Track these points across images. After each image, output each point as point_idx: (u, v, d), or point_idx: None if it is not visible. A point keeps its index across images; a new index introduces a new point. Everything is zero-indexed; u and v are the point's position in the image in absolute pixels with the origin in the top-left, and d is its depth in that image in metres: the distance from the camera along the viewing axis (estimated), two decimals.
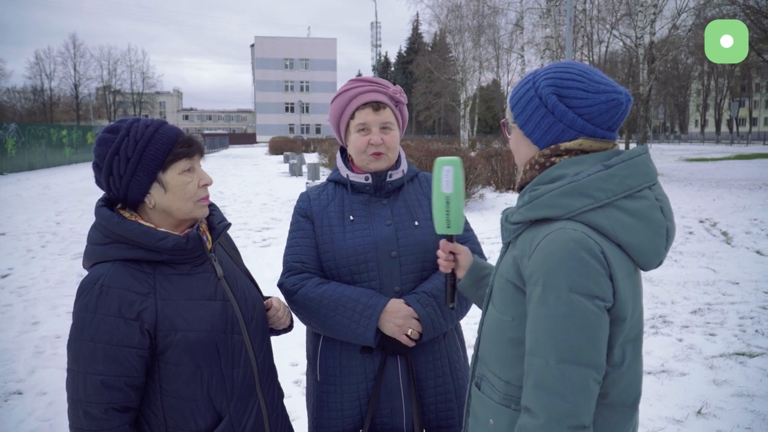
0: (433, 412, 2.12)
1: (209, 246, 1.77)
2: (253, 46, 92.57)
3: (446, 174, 1.76)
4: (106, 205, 1.68)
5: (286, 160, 34.55)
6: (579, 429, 1.26)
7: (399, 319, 2.00)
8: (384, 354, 2.07)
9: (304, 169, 26.86)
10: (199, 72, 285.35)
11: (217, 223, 1.81)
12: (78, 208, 15.36)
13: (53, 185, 21.81)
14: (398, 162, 2.22)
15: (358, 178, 2.16)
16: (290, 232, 2.20)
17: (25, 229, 12.04)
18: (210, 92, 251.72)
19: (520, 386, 1.39)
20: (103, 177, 1.65)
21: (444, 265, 1.81)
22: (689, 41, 27.88)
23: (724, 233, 10.65)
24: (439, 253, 1.82)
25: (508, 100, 1.53)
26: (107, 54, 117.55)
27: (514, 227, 1.46)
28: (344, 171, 2.20)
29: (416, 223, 2.13)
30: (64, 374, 4.90)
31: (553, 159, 1.42)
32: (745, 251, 9.15)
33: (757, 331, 5.59)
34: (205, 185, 1.72)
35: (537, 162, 1.45)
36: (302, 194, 2.26)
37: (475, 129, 46.34)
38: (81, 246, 10.14)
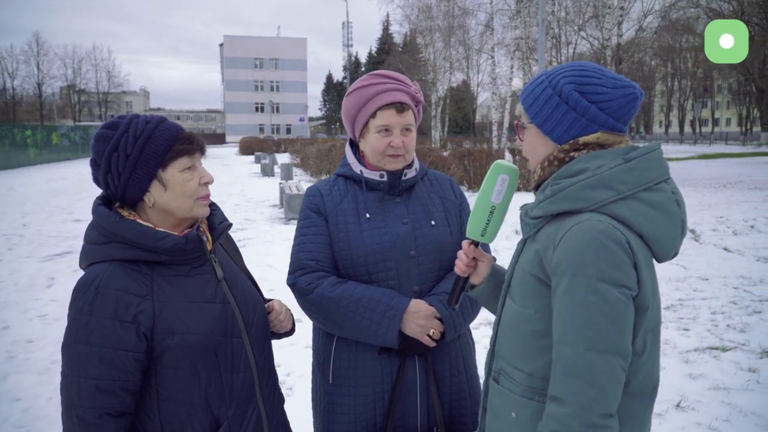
0: (447, 410, 2.10)
1: (209, 247, 1.73)
2: (221, 45, 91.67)
3: (501, 183, 1.66)
4: (103, 203, 1.63)
5: (257, 160, 34.29)
6: (606, 417, 1.29)
7: (421, 319, 1.97)
8: (403, 355, 2.03)
9: (277, 169, 26.71)
10: (165, 71, 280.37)
11: (218, 223, 1.77)
12: (45, 209, 15.01)
13: (18, 186, 21.31)
14: (411, 161, 2.18)
15: (372, 176, 2.11)
16: (300, 228, 2.12)
17: None
18: (177, 92, 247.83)
19: (543, 378, 1.43)
20: (101, 174, 1.61)
21: (463, 269, 1.76)
22: (654, 43, 28.41)
23: (692, 231, 10.87)
24: (461, 255, 1.76)
25: (520, 102, 1.55)
26: (71, 52, 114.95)
27: (534, 222, 1.48)
28: (357, 167, 2.14)
29: (432, 222, 2.10)
30: (38, 379, 4.75)
31: (572, 154, 1.46)
32: (713, 248, 9.35)
33: (728, 325, 5.72)
34: (206, 183, 1.68)
35: (556, 158, 1.48)
36: (312, 189, 2.19)
37: (446, 129, 46.58)
38: (49, 248, 9.94)
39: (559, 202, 1.40)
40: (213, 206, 1.78)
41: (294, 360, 4.90)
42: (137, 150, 1.58)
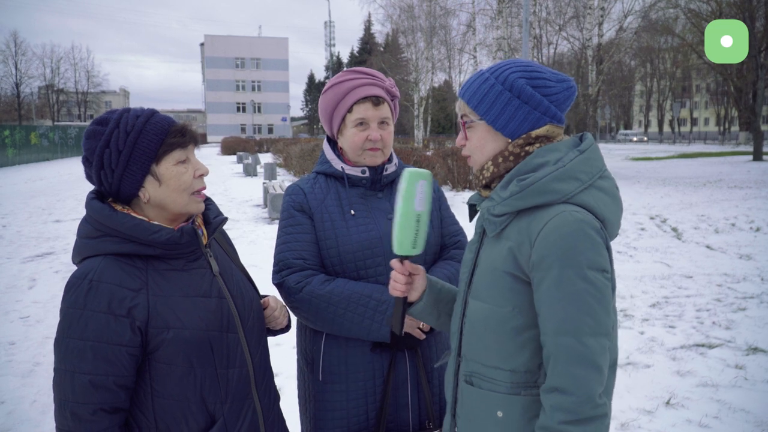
0: (437, 404, 2.11)
1: (205, 241, 1.70)
2: (202, 44, 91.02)
3: (420, 190, 1.63)
4: (97, 197, 1.60)
5: (240, 160, 34.08)
6: (603, 395, 1.37)
7: None
8: (394, 349, 2.04)
9: (259, 169, 26.57)
10: (143, 70, 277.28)
11: (213, 217, 1.74)
12: (24, 210, 14.79)
13: None
14: (390, 156, 2.19)
15: (354, 172, 2.12)
16: (284, 227, 2.10)
17: None
18: (157, 92, 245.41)
19: (527, 371, 1.46)
20: (94, 171, 1.58)
21: (402, 289, 1.69)
22: (633, 43, 28.68)
23: (674, 229, 10.99)
24: (396, 276, 1.69)
25: (464, 101, 1.56)
26: (50, 52, 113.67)
27: (499, 219, 1.48)
28: (338, 164, 2.14)
29: None
30: (22, 382, 4.66)
31: (526, 148, 1.50)
32: (695, 246, 9.46)
33: (714, 322, 5.77)
34: (201, 176, 1.66)
35: (511, 153, 1.51)
36: (293, 187, 2.17)
37: (428, 129, 46.66)
38: (30, 249, 9.79)
39: (530, 196, 1.42)
40: (208, 201, 1.76)
41: (282, 361, 4.85)
42: (129, 145, 1.55)
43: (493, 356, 1.49)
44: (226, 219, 1.78)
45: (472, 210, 1.63)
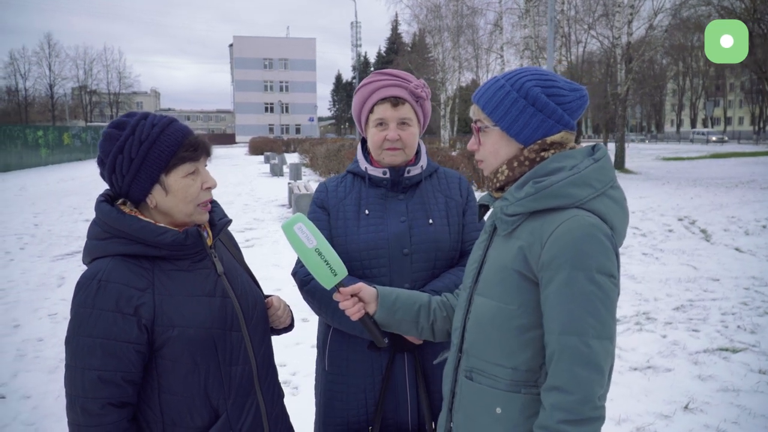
0: (438, 408, 2.12)
1: (209, 242, 1.75)
2: (231, 45, 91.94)
3: (301, 231, 1.73)
4: (106, 200, 1.66)
5: (267, 160, 34.35)
6: (603, 397, 1.40)
7: None
8: (392, 351, 2.07)
9: (286, 169, 26.75)
10: (172, 71, 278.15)
11: (217, 219, 1.80)
12: (56, 209, 15.12)
13: (29, 186, 21.48)
14: (418, 157, 2.21)
15: (375, 172, 2.16)
16: None
17: (1, 231, 11.82)
18: (186, 92, 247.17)
19: (528, 370, 1.49)
20: (106, 173, 1.64)
21: (355, 312, 1.77)
22: (665, 41, 28.22)
23: (703, 231, 10.80)
24: (343, 304, 1.77)
25: (479, 106, 1.59)
26: (83, 53, 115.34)
27: (512, 219, 1.51)
28: (363, 164, 2.19)
29: (430, 221, 2.13)
30: (48, 377, 4.77)
31: (542, 153, 1.54)
32: (724, 248, 9.29)
33: (739, 326, 5.67)
34: (209, 188, 1.70)
35: (527, 158, 1.54)
36: (321, 184, 2.27)
37: (455, 129, 46.48)
38: (60, 248, 10.01)
39: (544, 199, 1.45)
40: (213, 203, 1.80)
41: (300, 359, 4.91)
42: (141, 155, 1.60)
43: (496, 353, 1.53)
44: (230, 221, 1.84)
45: (482, 209, 1.69)
